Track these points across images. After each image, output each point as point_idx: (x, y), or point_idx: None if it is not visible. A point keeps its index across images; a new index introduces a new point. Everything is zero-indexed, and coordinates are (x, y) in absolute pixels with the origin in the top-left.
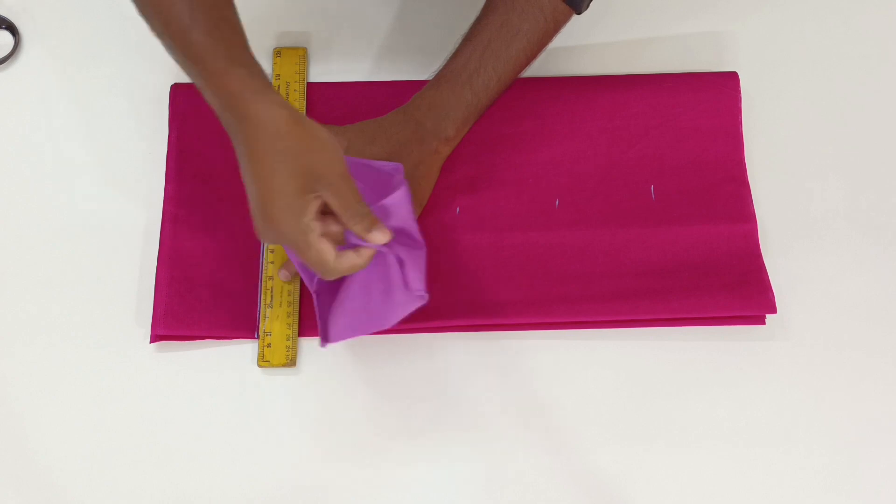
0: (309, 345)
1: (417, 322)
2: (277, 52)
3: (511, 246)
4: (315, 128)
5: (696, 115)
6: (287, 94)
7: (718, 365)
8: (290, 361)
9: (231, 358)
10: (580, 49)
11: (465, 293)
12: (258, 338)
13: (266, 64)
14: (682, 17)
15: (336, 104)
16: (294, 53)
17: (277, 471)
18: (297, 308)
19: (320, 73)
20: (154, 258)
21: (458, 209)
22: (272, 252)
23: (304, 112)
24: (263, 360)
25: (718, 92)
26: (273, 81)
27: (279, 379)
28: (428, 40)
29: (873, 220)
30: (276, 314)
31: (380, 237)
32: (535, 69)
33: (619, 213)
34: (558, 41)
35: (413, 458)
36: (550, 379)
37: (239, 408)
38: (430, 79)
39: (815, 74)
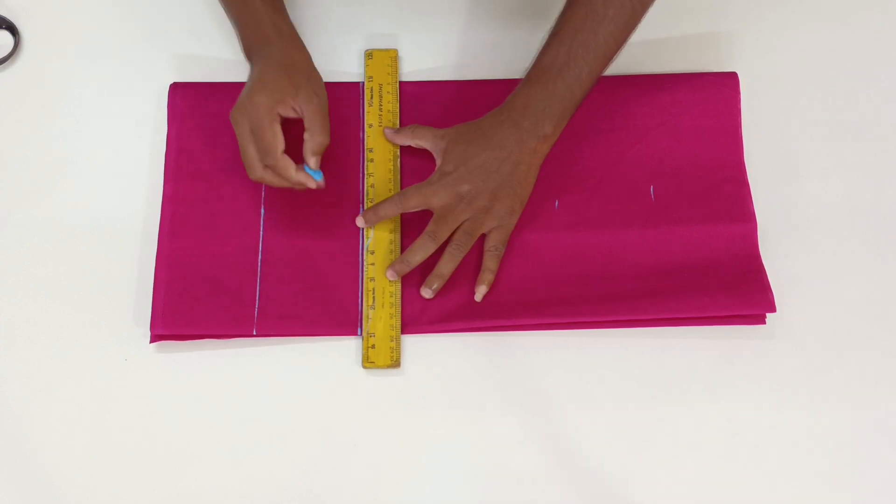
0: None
1: (416, 324)
2: (369, 55)
3: (510, 247)
4: (316, 74)
5: (696, 115)
6: (381, 96)
7: (718, 365)
8: (395, 362)
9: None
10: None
11: (465, 295)
12: (255, 335)
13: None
14: (681, 18)
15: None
16: (385, 55)
17: (276, 471)
18: (398, 309)
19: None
20: (153, 258)
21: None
22: (372, 254)
23: (399, 113)
24: (368, 362)
25: (718, 92)
26: (366, 83)
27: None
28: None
29: (873, 219)
30: (379, 315)
31: (313, 163)
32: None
33: (619, 214)
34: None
35: (411, 456)
36: (550, 378)
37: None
38: (523, 77)
39: (814, 74)
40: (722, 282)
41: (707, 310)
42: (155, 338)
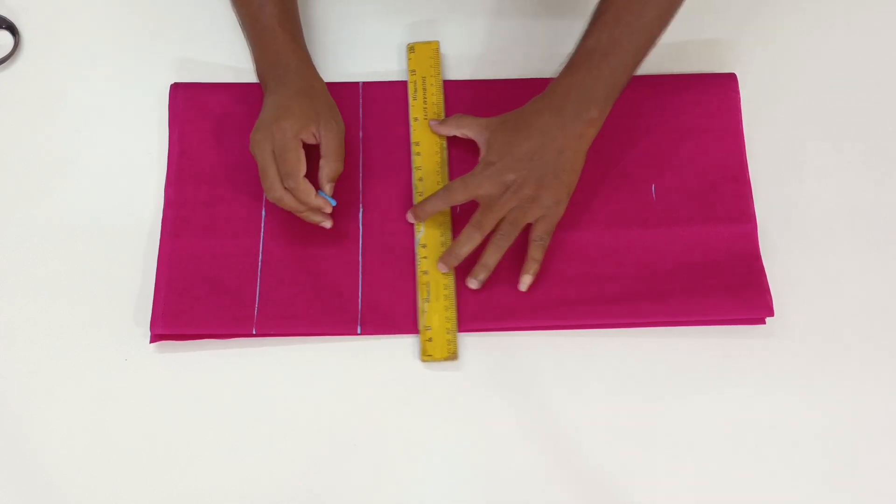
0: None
1: (415, 324)
2: (411, 48)
3: (510, 247)
4: (333, 102)
5: (697, 116)
6: (424, 89)
7: (718, 365)
8: (452, 355)
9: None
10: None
11: (465, 295)
12: (255, 334)
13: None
14: (681, 21)
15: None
16: (427, 48)
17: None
18: (454, 301)
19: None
20: (154, 258)
21: (457, 209)
22: (424, 247)
23: (443, 105)
24: (426, 355)
25: (718, 92)
26: (409, 77)
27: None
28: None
29: (873, 220)
30: (435, 308)
31: (328, 189)
32: (538, 70)
33: (620, 214)
34: (560, 46)
35: (411, 456)
36: (550, 378)
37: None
38: (564, 62)
39: (814, 75)
40: (722, 283)
41: (706, 313)
42: (155, 338)
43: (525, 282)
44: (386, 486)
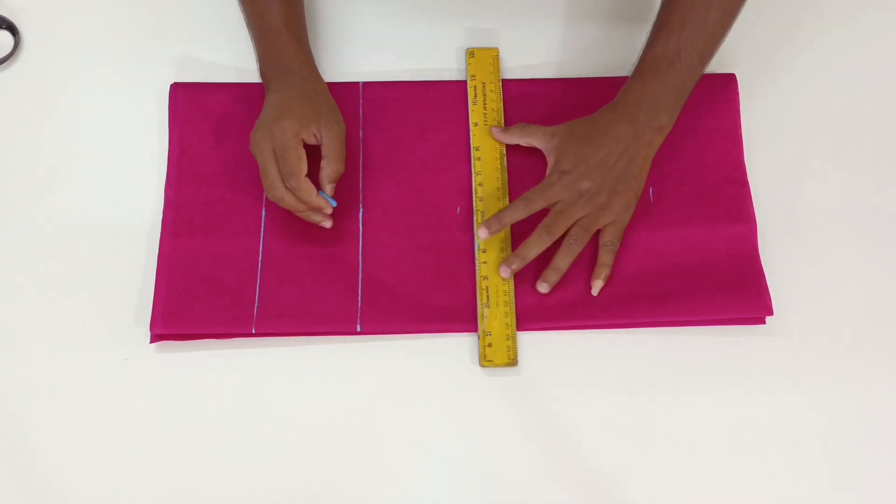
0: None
1: (417, 323)
2: (470, 53)
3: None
4: (335, 103)
5: (696, 116)
6: (484, 95)
7: (718, 365)
8: (512, 360)
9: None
10: (581, 54)
11: (465, 296)
12: (254, 333)
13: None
14: None
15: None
16: (487, 54)
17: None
18: (513, 307)
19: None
20: (154, 258)
21: (458, 209)
22: (484, 252)
23: (503, 112)
24: (486, 360)
25: (717, 93)
26: (469, 82)
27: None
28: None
29: (872, 220)
30: (494, 314)
31: (329, 189)
32: (539, 72)
33: None
34: (558, 48)
35: (411, 456)
36: (550, 378)
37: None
38: (632, 71)
39: (813, 75)
40: (721, 284)
41: (706, 313)
42: (155, 338)
43: (597, 286)
44: (386, 486)
